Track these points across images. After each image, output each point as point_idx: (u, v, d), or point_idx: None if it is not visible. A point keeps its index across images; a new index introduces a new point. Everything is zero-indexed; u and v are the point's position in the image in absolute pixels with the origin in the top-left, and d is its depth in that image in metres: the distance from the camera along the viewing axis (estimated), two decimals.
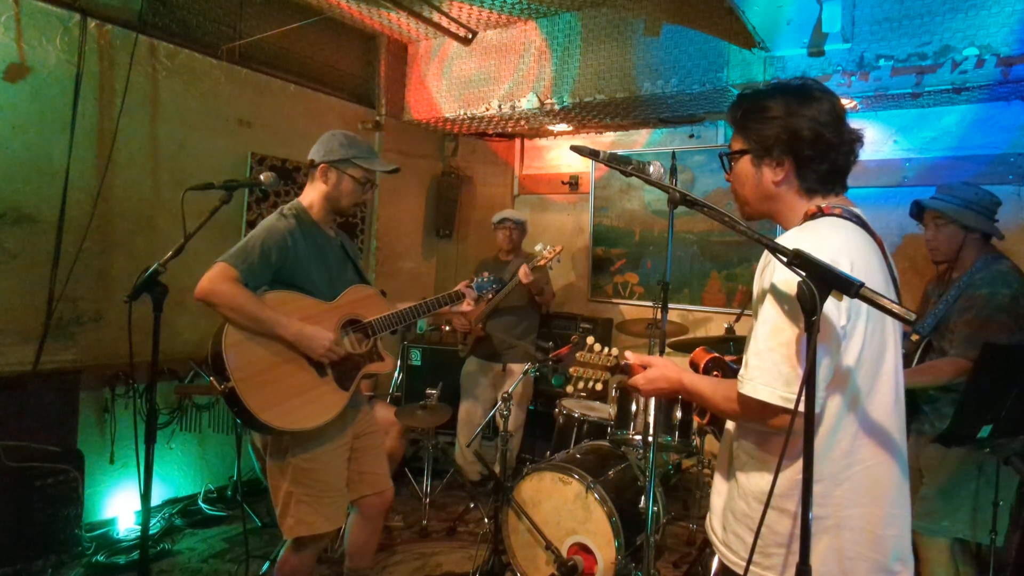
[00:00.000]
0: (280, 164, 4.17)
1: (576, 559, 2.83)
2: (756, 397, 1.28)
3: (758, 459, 1.39)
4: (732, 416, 1.41)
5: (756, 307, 1.38)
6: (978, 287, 2.44)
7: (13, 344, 3.08)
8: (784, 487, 1.31)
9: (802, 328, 1.19)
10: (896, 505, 1.35)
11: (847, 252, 1.28)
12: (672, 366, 1.56)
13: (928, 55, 3.09)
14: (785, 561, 1.32)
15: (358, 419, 2.49)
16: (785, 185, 1.44)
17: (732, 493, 1.46)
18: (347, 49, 4.71)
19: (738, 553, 1.41)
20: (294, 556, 2.36)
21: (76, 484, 3.09)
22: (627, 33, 3.97)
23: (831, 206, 1.41)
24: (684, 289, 4.84)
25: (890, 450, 1.34)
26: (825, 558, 1.30)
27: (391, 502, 2.62)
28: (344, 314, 2.38)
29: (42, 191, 3.16)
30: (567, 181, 5.46)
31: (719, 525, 1.51)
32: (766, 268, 1.35)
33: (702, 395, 1.47)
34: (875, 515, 1.32)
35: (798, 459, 1.27)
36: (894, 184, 4.05)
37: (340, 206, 2.42)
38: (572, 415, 3.65)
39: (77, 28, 3.23)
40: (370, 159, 2.41)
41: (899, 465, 1.35)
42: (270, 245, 2.20)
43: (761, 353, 1.29)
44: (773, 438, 1.36)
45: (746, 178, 1.48)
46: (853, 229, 1.37)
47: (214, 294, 2.10)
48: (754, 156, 1.46)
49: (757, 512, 1.33)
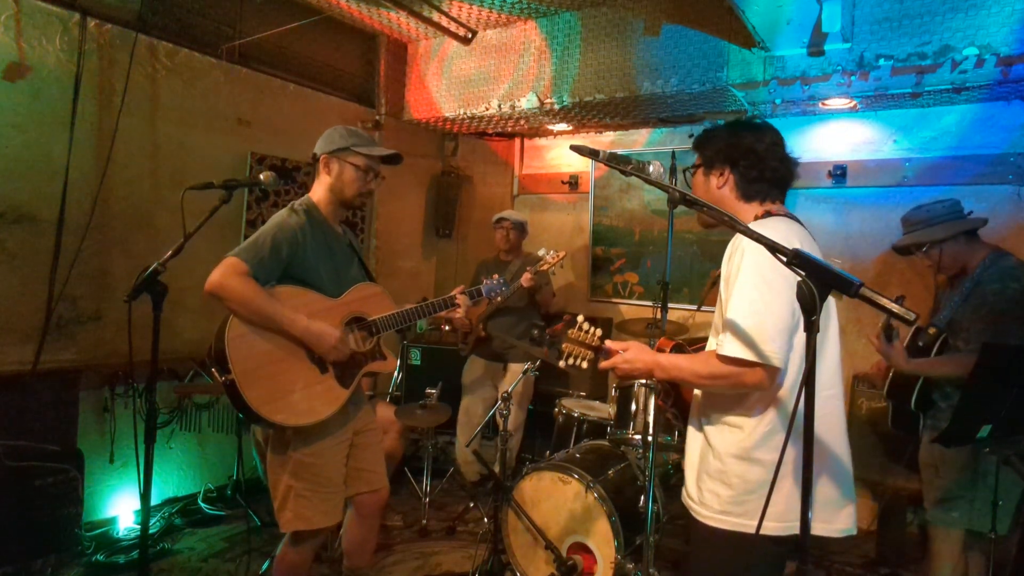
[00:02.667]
0: (280, 163, 4.16)
1: (576, 559, 2.83)
2: (736, 356, 1.52)
3: (727, 421, 1.65)
4: (708, 380, 1.63)
5: (726, 287, 1.63)
6: (988, 284, 2.50)
7: (13, 343, 3.08)
8: (755, 440, 1.60)
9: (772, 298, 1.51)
10: (842, 446, 1.66)
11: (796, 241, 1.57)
12: (647, 349, 1.78)
13: (928, 55, 3.09)
14: (755, 507, 1.51)
15: (359, 416, 2.49)
16: (726, 189, 1.79)
17: (706, 457, 1.70)
18: (347, 48, 4.71)
19: (712, 507, 1.64)
20: (292, 551, 2.36)
21: (76, 483, 3.09)
22: (627, 32, 3.97)
23: (776, 209, 1.75)
24: (684, 289, 4.84)
25: (834, 400, 1.65)
26: (790, 498, 1.55)
27: (386, 500, 2.62)
28: (349, 311, 2.39)
29: (42, 190, 3.15)
30: (567, 181, 5.46)
31: (694, 489, 1.72)
32: (733, 255, 1.62)
33: (679, 367, 1.69)
34: (828, 457, 1.61)
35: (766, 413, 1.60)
36: (894, 184, 4.05)
37: (345, 197, 2.40)
38: (572, 415, 3.65)
39: (77, 27, 3.22)
40: (370, 146, 2.41)
41: (840, 411, 1.68)
42: (281, 240, 2.20)
43: (739, 320, 1.53)
44: (741, 400, 1.62)
45: (698, 186, 1.86)
46: (796, 225, 1.71)
47: (224, 288, 2.09)
48: (704, 168, 1.83)
49: (731, 467, 1.61)
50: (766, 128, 1.78)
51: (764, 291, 1.53)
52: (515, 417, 4.05)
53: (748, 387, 1.55)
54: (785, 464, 1.49)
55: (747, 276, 1.55)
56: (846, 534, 1.63)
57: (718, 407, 1.68)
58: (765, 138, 1.75)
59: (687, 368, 1.66)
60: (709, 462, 1.68)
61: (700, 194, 1.84)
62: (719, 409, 1.68)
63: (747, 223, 1.64)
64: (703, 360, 1.63)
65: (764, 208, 1.76)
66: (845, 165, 4.17)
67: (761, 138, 1.75)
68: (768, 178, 1.75)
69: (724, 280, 1.64)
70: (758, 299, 1.52)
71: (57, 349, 3.22)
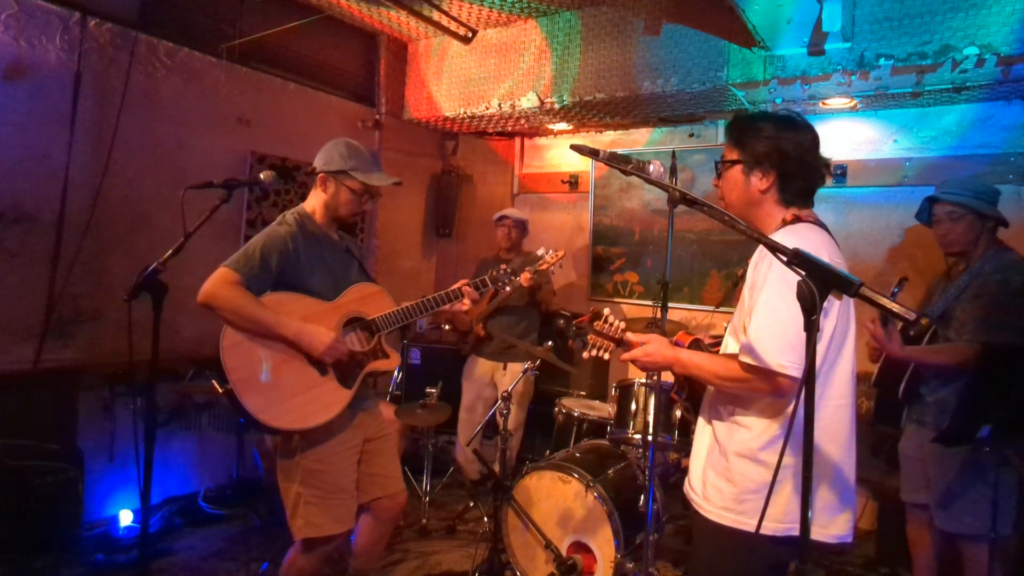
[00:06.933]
0: (280, 163, 4.16)
1: (575, 558, 2.83)
2: (759, 364, 1.51)
3: (738, 421, 1.65)
4: (727, 383, 1.63)
5: (751, 294, 1.61)
6: (989, 275, 2.51)
7: (13, 343, 3.08)
8: (762, 442, 1.60)
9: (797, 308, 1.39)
10: (846, 453, 1.63)
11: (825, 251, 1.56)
12: (666, 343, 1.80)
13: (928, 54, 3.09)
14: (757, 506, 1.50)
15: (369, 422, 2.48)
16: (768, 193, 1.70)
17: (713, 452, 1.71)
18: (347, 47, 4.71)
19: (715, 503, 1.66)
20: (302, 557, 2.35)
21: (76, 483, 3.08)
22: (627, 32, 3.97)
23: (806, 215, 1.70)
24: (684, 288, 4.84)
25: (844, 409, 1.62)
26: (790, 500, 1.56)
27: (404, 505, 2.61)
28: (346, 312, 2.38)
29: (41, 190, 3.15)
30: (567, 180, 5.46)
31: (699, 482, 1.74)
32: (760, 262, 1.61)
33: (699, 366, 1.69)
34: (830, 462, 1.60)
35: (777, 417, 1.59)
36: (894, 183, 4.05)
37: (338, 215, 2.43)
38: (572, 414, 3.65)
39: (77, 26, 3.22)
40: (368, 172, 2.40)
41: (850, 420, 1.64)
42: (270, 249, 2.22)
43: (760, 329, 1.53)
44: (755, 401, 1.62)
45: (735, 184, 1.75)
46: (825, 234, 1.67)
47: (215, 298, 2.12)
48: (745, 166, 1.72)
49: (736, 465, 1.63)
50: (806, 128, 1.70)
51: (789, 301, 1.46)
52: (515, 416, 4.05)
53: (766, 394, 1.56)
54: (787, 467, 1.52)
55: (772, 285, 1.54)
56: (841, 541, 1.61)
57: (729, 405, 1.69)
58: (808, 138, 1.69)
59: (707, 368, 1.67)
60: (715, 458, 1.69)
61: (731, 189, 1.76)
62: (730, 407, 1.68)
63: (774, 227, 1.68)
64: (724, 363, 1.64)
65: (792, 213, 1.70)
66: (845, 165, 4.17)
67: (805, 139, 1.68)
68: (812, 185, 1.71)
69: (749, 287, 1.64)
70: (782, 308, 1.50)
71: (57, 348, 3.22)
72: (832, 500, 1.60)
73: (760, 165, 1.68)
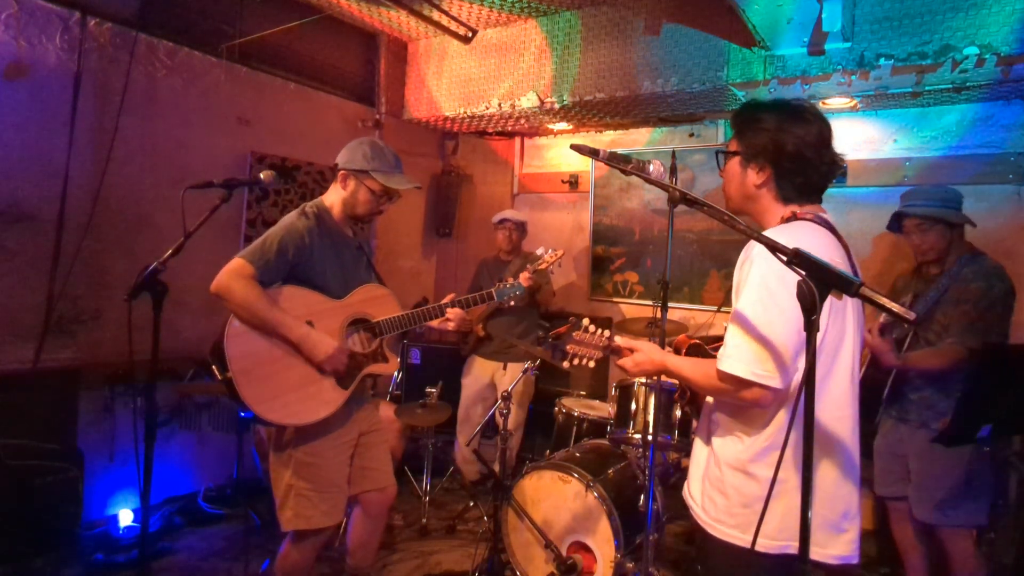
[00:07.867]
0: (280, 162, 4.16)
1: (575, 558, 2.83)
2: (732, 373, 1.45)
3: (730, 430, 1.59)
4: (710, 391, 1.59)
5: (736, 296, 1.54)
6: (971, 280, 2.56)
7: (13, 342, 3.07)
8: (752, 454, 1.53)
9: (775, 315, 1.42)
10: (846, 467, 1.54)
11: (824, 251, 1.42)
12: (657, 349, 1.75)
13: (928, 54, 3.09)
14: (748, 520, 1.48)
15: (364, 417, 2.49)
16: (764, 188, 1.64)
17: (709, 461, 1.66)
18: (347, 47, 4.70)
19: (710, 514, 1.61)
20: (294, 550, 2.37)
21: (76, 482, 3.08)
22: (627, 32, 3.97)
23: (804, 212, 1.60)
24: (684, 288, 4.84)
25: (843, 421, 1.54)
26: (785, 517, 1.47)
27: (393, 499, 2.62)
28: (352, 312, 2.39)
29: (41, 189, 3.15)
30: (567, 180, 5.46)
31: (698, 491, 1.69)
32: (746, 262, 1.53)
33: (682, 373, 1.65)
34: (828, 477, 1.51)
35: (765, 428, 1.52)
36: (894, 183, 4.04)
37: (356, 213, 2.44)
38: (572, 414, 3.65)
39: (77, 26, 3.22)
40: (389, 174, 2.41)
41: (851, 433, 1.56)
42: (288, 242, 2.23)
43: (739, 335, 1.47)
44: (744, 411, 1.55)
45: (733, 176, 1.70)
46: (824, 233, 1.55)
47: (228, 290, 2.13)
48: (743, 159, 1.66)
49: (728, 477, 1.57)
50: (814, 119, 1.59)
51: (769, 306, 1.44)
52: (515, 416, 4.04)
53: (747, 403, 1.50)
54: (782, 482, 1.43)
55: (752, 289, 1.47)
56: (844, 561, 1.52)
57: (723, 413, 1.64)
58: (813, 133, 1.57)
59: (689, 376, 1.63)
60: (710, 468, 1.65)
61: (729, 181, 1.71)
62: (723, 415, 1.63)
63: (772, 224, 1.61)
64: (704, 371, 1.57)
65: (791, 210, 1.61)
66: (845, 164, 4.16)
67: (809, 134, 1.57)
68: (813, 183, 1.61)
69: (734, 289, 1.57)
70: (761, 314, 1.44)
71: (57, 348, 3.22)
72: (831, 518, 1.52)
73: (756, 159, 1.62)
